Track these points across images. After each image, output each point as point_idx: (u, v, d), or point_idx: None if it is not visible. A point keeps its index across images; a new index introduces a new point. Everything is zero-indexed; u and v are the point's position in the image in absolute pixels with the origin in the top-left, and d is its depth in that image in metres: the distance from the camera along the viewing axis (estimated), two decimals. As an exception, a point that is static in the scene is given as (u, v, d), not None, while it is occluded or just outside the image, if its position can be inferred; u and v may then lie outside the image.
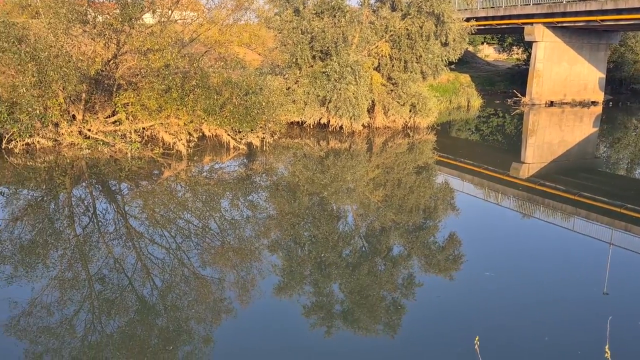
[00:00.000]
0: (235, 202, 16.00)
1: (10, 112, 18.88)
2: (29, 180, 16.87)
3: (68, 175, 17.58)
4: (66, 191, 16.23)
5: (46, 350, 7.95)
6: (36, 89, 18.62)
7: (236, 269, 11.13)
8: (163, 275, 10.64)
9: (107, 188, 17.01)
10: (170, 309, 9.29)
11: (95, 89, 20.95)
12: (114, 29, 20.17)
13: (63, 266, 10.91)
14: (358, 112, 25.53)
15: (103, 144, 20.19)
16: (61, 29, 19.06)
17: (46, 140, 19.77)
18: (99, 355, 7.91)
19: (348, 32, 25.92)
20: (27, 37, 19.17)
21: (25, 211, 14.22)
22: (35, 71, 18.29)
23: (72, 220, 13.85)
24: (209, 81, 20.71)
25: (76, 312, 9.03)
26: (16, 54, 18.31)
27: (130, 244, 12.24)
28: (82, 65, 19.52)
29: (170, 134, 21.08)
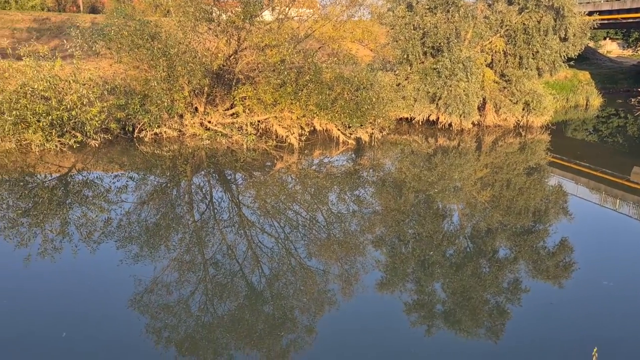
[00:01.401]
0: (342, 196, 16.34)
1: (142, 104, 20.63)
2: (155, 167, 18.31)
3: (189, 164, 18.85)
4: (187, 179, 17.43)
5: (165, 326, 8.71)
6: (165, 82, 20.14)
7: (340, 262, 11.42)
8: (271, 263, 11.17)
9: (223, 177, 18.04)
10: (276, 297, 9.78)
11: (216, 83, 22.21)
12: (235, 26, 21.24)
13: (182, 249, 11.81)
14: (468, 110, 24.94)
15: (222, 135, 21.40)
16: (189, 26, 20.42)
17: (172, 131, 21.35)
18: (210, 335, 8.54)
19: (461, 28, 25.35)
20: (159, 34, 20.72)
21: (152, 196, 15.47)
22: (166, 66, 19.77)
23: (191, 207, 14.88)
24: (322, 76, 21.21)
25: (192, 293, 9.78)
26: (149, 50, 19.90)
27: (242, 232, 12.96)
28: (206, 60, 20.79)
29: (283, 128, 21.89)
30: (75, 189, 15.83)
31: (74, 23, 26.93)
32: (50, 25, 31.17)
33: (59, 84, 18.88)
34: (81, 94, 18.76)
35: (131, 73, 21.43)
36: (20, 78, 18.64)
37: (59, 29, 30.27)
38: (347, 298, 9.91)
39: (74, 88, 18.90)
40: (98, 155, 19.12)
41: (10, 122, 17.76)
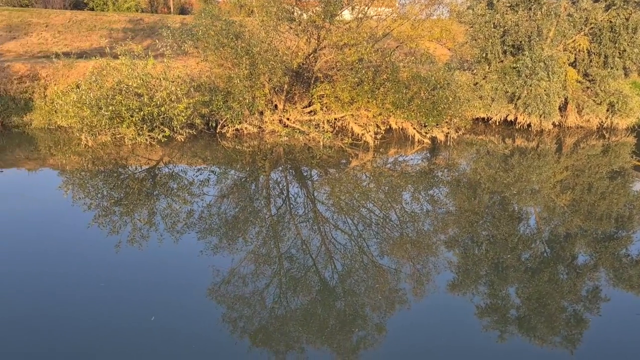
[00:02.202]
0: (416, 195, 16.38)
1: (225, 100, 21.53)
2: (235, 162, 19.08)
3: (268, 159, 19.49)
4: (265, 174, 18.05)
5: (240, 317, 9.21)
6: (247, 80, 20.90)
7: (413, 262, 11.53)
8: (344, 260, 11.46)
9: (299, 173, 18.53)
10: (348, 293, 10.06)
11: (295, 81, 22.76)
12: (315, 25, 21.66)
13: (258, 242, 12.34)
14: (549, 110, 24.13)
15: (299, 132, 21.92)
16: (271, 26, 21.05)
17: (252, 127, 22.13)
18: (283, 327, 8.95)
19: (543, 26, 24.50)
20: (243, 33, 21.49)
21: (231, 190, 16.18)
22: (248, 64, 20.50)
23: (268, 201, 15.44)
24: (398, 75, 21.25)
25: (266, 285, 10.24)
26: (233, 49, 20.71)
27: (316, 228, 13.34)
28: (286, 59, 21.35)
29: (359, 126, 22.13)
30: (162, 181, 16.82)
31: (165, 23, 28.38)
32: (143, 25, 32.96)
33: (150, 81, 20.05)
34: (170, 91, 19.84)
35: (216, 71, 22.36)
36: (116, 76, 19.95)
37: (151, 29, 31.97)
38: (418, 298, 10.03)
39: (164, 85, 20.00)
40: (183, 150, 20.16)
41: (106, 117, 19.06)
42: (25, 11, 34.86)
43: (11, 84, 23.22)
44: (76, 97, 19.34)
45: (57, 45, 29.11)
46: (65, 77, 23.53)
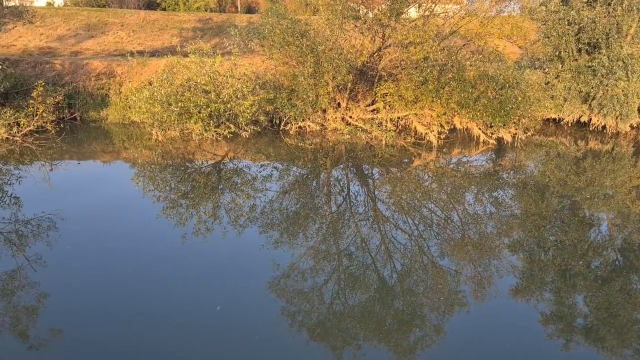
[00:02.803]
0: (479, 196, 16.06)
1: (289, 98, 21.83)
2: (298, 159, 19.32)
3: (329, 157, 19.61)
4: (326, 171, 18.18)
5: (299, 311, 9.34)
6: (312, 78, 21.10)
7: (474, 264, 11.33)
8: (403, 259, 11.41)
9: (360, 172, 18.54)
10: (406, 293, 10.01)
11: (359, 80, 22.76)
12: (381, 23, 21.59)
13: (318, 238, 12.46)
14: (626, 111, 22.98)
15: (362, 130, 21.92)
16: (337, 24, 21.15)
17: (315, 125, 22.32)
18: (340, 324, 9.02)
19: (623, 22, 23.36)
20: (308, 32, 21.70)
21: (293, 186, 16.41)
22: (313, 62, 20.69)
23: (329, 198, 15.55)
24: (465, 74, 20.85)
25: (325, 281, 10.34)
26: (298, 47, 20.96)
27: (376, 226, 13.33)
28: (351, 57, 21.38)
29: (423, 125, 21.89)
30: (227, 176, 17.26)
31: (232, 23, 29.04)
32: (212, 24, 33.86)
33: (218, 78, 20.59)
34: (236, 88, 20.30)
35: (281, 69, 22.70)
36: (185, 73, 20.63)
37: (219, 28, 32.80)
38: (479, 301, 9.85)
39: (230, 82, 20.49)
40: (247, 146, 20.60)
41: (176, 113, 19.74)
42: (103, 11, 36.56)
43: (89, 81, 24.43)
44: (148, 93, 20.14)
45: (131, 44, 30.39)
46: (138, 75, 24.53)
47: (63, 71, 24.68)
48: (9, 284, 9.95)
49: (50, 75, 24.22)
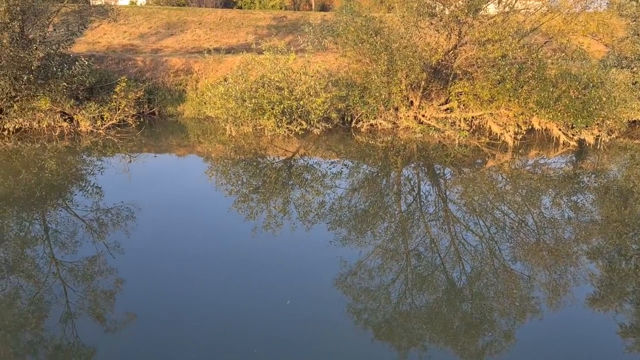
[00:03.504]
0: (557, 200, 15.39)
1: (361, 96, 21.77)
2: (368, 157, 19.24)
3: (400, 155, 19.40)
4: (397, 170, 18.00)
5: (365, 309, 9.29)
6: (385, 76, 20.95)
7: (549, 270, 10.87)
8: (473, 262, 11.11)
9: (432, 171, 18.22)
10: (476, 296, 9.74)
11: (433, 78, 22.36)
12: (457, 20, 21.11)
13: (387, 237, 12.35)
14: None
15: (434, 129, 21.54)
16: (412, 21, 20.88)
17: (387, 123, 22.14)
18: (406, 323, 8.89)
19: None
20: (383, 29, 21.55)
21: (363, 184, 16.35)
22: (386, 60, 20.53)
23: (398, 197, 15.39)
24: (545, 73, 20.02)
25: (392, 280, 10.23)
26: (372, 44, 20.85)
27: (446, 227, 13.06)
28: (425, 55, 21.05)
29: (498, 125, 21.24)
30: (297, 172, 17.43)
31: (307, 20, 29.28)
32: (286, 22, 34.31)
33: (291, 75, 20.83)
34: (309, 85, 20.46)
35: (354, 66, 22.67)
36: (260, 70, 21.01)
37: (293, 26, 33.18)
38: (553, 309, 9.45)
39: (304, 80, 20.67)
40: (318, 143, 20.71)
41: (249, 109, 20.15)
42: (182, 10, 37.83)
43: (168, 77, 25.36)
44: (223, 89, 20.67)
45: (208, 42, 31.27)
46: (214, 71, 25.22)
47: (144, 67, 25.74)
48: (89, 269, 10.48)
49: (132, 71, 25.33)
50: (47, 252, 11.21)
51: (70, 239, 11.82)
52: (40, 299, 9.35)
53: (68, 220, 13.00)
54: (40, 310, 9.03)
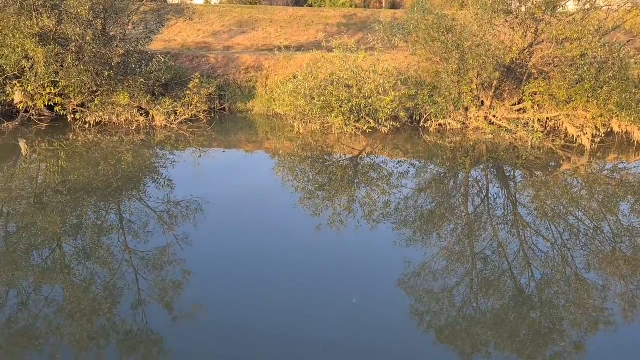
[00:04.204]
0: (636, 207, 14.57)
1: (431, 95, 21.45)
2: (436, 157, 18.92)
3: (469, 156, 18.96)
4: (465, 171, 17.60)
5: (427, 311, 9.15)
6: (455, 75, 20.54)
7: (625, 281, 10.33)
8: (543, 269, 10.71)
9: (501, 173, 17.71)
10: (545, 304, 9.39)
11: (505, 77, 21.71)
12: (534, 18, 20.40)
13: (452, 239, 12.11)
14: None
15: (505, 130, 20.90)
16: (486, 19, 20.34)
17: (456, 123, 21.70)
18: (470, 328, 8.69)
19: None
20: (455, 27, 21.12)
21: (429, 184, 16.10)
22: (457, 59, 20.12)
23: (466, 199, 15.05)
24: (627, 73, 18.99)
25: (457, 283, 10.02)
26: (444, 43, 20.50)
27: (515, 231, 12.65)
28: (499, 53, 20.46)
29: (575, 127, 20.35)
30: (363, 170, 17.39)
31: (377, 18, 29.18)
32: (356, 20, 34.27)
33: (360, 73, 20.77)
34: (378, 84, 20.34)
35: (423, 65, 22.36)
36: (329, 68, 21.09)
37: (363, 24, 33.10)
38: (629, 321, 8.97)
39: (372, 78, 20.58)
40: (385, 141, 20.57)
41: (318, 107, 20.28)
42: (254, 8, 38.56)
43: (239, 74, 25.92)
44: (293, 87, 20.91)
45: (278, 39, 31.71)
46: (284, 69, 25.54)
47: (216, 64, 26.43)
48: (159, 259, 10.87)
49: (205, 68, 26.06)
50: (121, 241, 11.73)
51: (142, 229, 12.32)
52: (113, 286, 9.80)
53: (141, 211, 13.55)
54: (113, 296, 9.46)
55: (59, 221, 12.71)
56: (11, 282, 9.84)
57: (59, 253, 11.17)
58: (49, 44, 19.97)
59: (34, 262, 10.79)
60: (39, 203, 13.86)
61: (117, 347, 8.07)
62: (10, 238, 11.88)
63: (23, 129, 21.38)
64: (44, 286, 9.72)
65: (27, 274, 10.21)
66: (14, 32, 19.77)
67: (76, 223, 12.82)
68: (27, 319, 8.68)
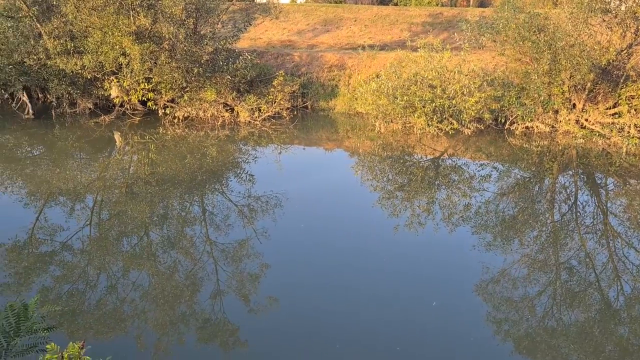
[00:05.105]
0: None
1: (518, 96, 20.69)
2: (521, 160, 18.24)
3: (557, 161, 18.14)
4: (552, 177, 16.87)
5: (505, 319, 8.86)
6: (546, 76, 19.71)
7: None
8: (634, 282, 10.10)
9: (591, 180, 16.82)
10: (634, 321, 8.86)
11: (600, 79, 20.56)
12: (635, 17, 19.20)
13: (535, 247, 11.65)
14: None
15: (598, 135, 19.83)
16: (581, 18, 19.37)
17: (544, 126, 20.81)
18: (551, 340, 8.32)
19: None
20: (547, 26, 20.24)
21: (512, 189, 15.57)
22: (549, 59, 19.29)
23: (551, 205, 14.42)
24: None
25: (539, 293, 9.63)
26: (535, 43, 19.71)
27: (604, 242, 12.00)
28: (594, 54, 19.43)
29: (677, 133, 18.98)
30: (444, 172, 17.08)
31: (464, 17, 28.47)
32: (442, 19, 33.62)
33: (445, 74, 20.37)
34: (463, 84, 19.86)
35: (512, 65, 21.61)
36: (413, 67, 20.82)
37: (449, 23, 32.43)
38: None
39: (458, 78, 20.12)
40: (468, 143, 20.07)
41: (400, 106, 20.09)
42: (339, 7, 38.70)
43: (322, 72, 26.15)
44: (376, 86, 20.83)
45: (362, 38, 31.68)
46: (367, 68, 25.50)
47: (300, 63, 26.81)
48: (238, 251, 11.20)
49: (289, 66, 26.50)
50: (203, 232, 12.19)
51: (223, 221, 12.74)
52: (194, 275, 10.21)
53: (223, 204, 14.01)
54: (193, 285, 9.86)
55: (147, 210, 13.39)
56: (102, 266, 10.49)
57: (146, 241, 11.77)
58: (144, 41, 21.03)
59: (123, 248, 11.45)
60: (130, 193, 14.65)
61: (196, 334, 8.40)
62: (103, 225, 12.65)
63: (118, 122, 22.65)
64: (131, 271, 10.28)
65: (117, 259, 10.84)
66: (113, 30, 20.98)
67: (163, 213, 13.46)
68: (115, 301, 9.22)
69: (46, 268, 10.37)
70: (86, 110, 23.67)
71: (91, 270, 10.31)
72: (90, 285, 9.71)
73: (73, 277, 10.00)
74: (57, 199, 14.21)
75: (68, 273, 10.19)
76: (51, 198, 14.17)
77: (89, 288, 9.62)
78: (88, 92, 23.54)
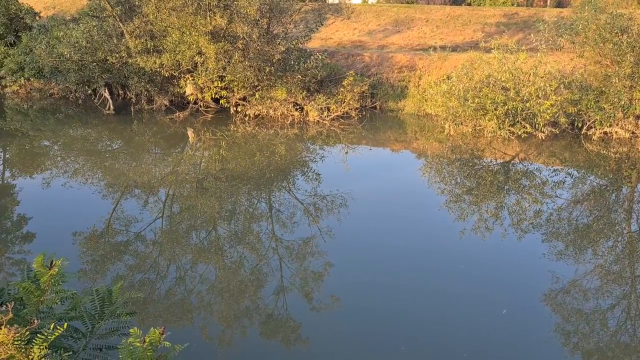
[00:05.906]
0: None
1: (596, 100, 19.79)
2: (597, 167, 17.49)
3: (636, 169, 17.26)
4: (630, 185, 16.08)
5: (575, 331, 8.55)
6: (628, 80, 18.80)
7: None
8: None
9: (677, 191, 15.90)
10: None
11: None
12: None
13: (610, 257, 11.15)
14: None
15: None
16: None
17: (624, 132, 19.82)
18: (624, 357, 7.96)
19: None
20: (631, 28, 19.29)
21: (587, 196, 14.96)
22: (632, 62, 18.39)
23: (629, 215, 13.75)
24: None
25: (612, 306, 9.23)
26: (617, 44, 18.83)
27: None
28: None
29: None
30: (515, 177, 16.63)
31: (540, 17, 27.54)
32: (517, 19, 32.63)
33: (520, 76, 19.78)
34: (538, 87, 19.22)
35: (591, 68, 20.72)
36: (486, 69, 20.34)
37: (524, 23, 31.42)
38: None
39: (533, 81, 19.50)
40: (541, 148, 19.43)
41: (471, 109, 19.69)
42: (411, 7, 38.32)
43: (392, 73, 26.02)
44: (446, 87, 20.51)
45: (433, 39, 31.25)
46: (438, 69, 25.15)
47: (370, 63, 26.78)
48: (302, 249, 11.36)
49: (359, 66, 26.53)
50: (269, 229, 12.45)
51: (289, 219, 12.96)
52: (259, 270, 10.45)
53: (289, 202, 14.25)
54: (258, 280, 10.10)
55: (216, 205, 13.83)
56: (172, 258, 10.93)
57: (214, 235, 12.16)
58: (219, 41, 21.67)
59: (192, 241, 11.88)
60: (201, 187, 15.17)
61: (259, 328, 8.61)
62: (174, 218, 13.17)
63: (191, 118, 23.46)
64: (199, 264, 10.66)
65: (186, 251, 11.26)
66: (190, 30, 21.75)
67: (231, 209, 13.85)
68: (182, 292, 9.59)
69: (121, 257, 10.92)
70: (162, 106, 24.68)
71: (162, 261, 10.76)
72: (160, 276, 10.14)
73: (145, 267, 10.47)
74: (132, 191, 14.92)
75: (140, 262, 10.68)
76: (127, 190, 14.90)
77: (159, 278, 10.05)
78: (164, 90, 24.53)
